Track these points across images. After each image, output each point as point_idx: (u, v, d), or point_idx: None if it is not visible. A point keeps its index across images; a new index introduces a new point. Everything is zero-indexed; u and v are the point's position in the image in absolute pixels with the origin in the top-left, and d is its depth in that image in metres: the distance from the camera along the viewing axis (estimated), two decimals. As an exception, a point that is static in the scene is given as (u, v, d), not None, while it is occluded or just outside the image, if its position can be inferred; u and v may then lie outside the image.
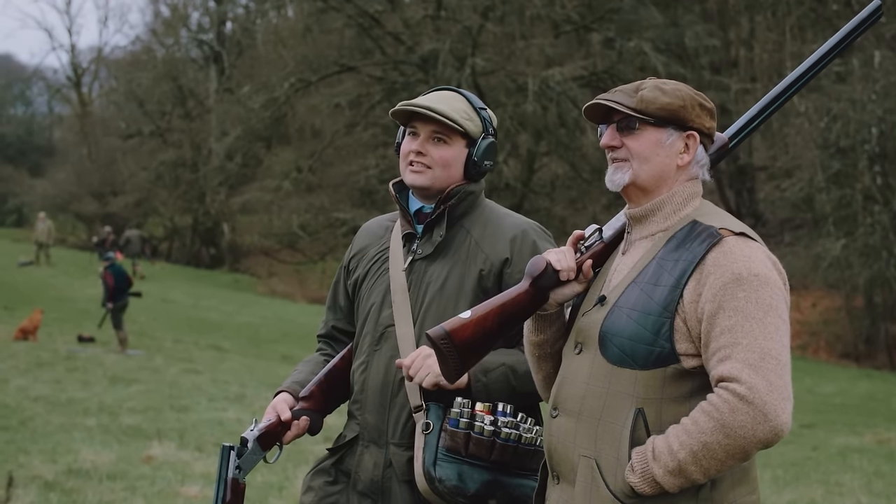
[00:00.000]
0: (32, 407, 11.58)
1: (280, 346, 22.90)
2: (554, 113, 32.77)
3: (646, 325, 2.47)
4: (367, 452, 3.17)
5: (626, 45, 32.02)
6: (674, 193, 2.60)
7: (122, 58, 58.10)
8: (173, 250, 51.10)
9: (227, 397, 13.61)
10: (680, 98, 2.59)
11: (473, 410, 2.97)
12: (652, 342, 2.46)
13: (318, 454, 9.26)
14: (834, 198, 28.67)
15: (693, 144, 2.62)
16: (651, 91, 2.58)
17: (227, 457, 3.18)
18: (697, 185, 2.65)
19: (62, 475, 8.17)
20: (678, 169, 2.61)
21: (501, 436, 2.94)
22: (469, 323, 2.67)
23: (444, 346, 2.66)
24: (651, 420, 2.45)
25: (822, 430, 15.04)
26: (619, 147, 2.60)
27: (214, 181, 44.42)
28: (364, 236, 3.44)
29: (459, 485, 2.94)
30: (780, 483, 10.57)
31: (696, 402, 2.42)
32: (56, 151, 60.26)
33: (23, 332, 18.12)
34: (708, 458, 2.35)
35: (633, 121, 2.58)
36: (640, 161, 2.59)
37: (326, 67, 36.15)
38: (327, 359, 3.42)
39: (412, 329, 3.13)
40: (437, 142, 3.17)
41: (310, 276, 41.91)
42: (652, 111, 2.57)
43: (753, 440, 2.34)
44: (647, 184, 2.60)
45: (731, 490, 2.47)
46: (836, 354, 29.33)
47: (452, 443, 2.95)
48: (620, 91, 2.61)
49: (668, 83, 2.61)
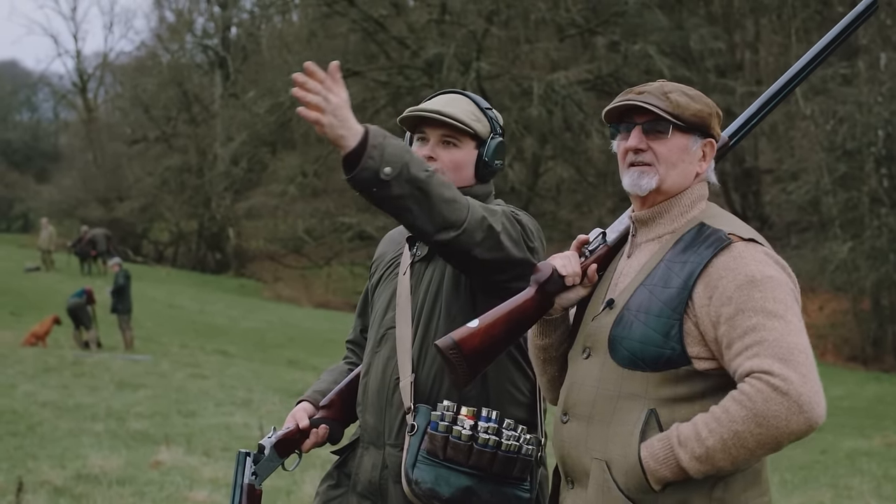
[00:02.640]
0: (40, 412, 11.59)
1: (286, 350, 22.91)
2: (559, 117, 32.78)
3: (655, 328, 2.46)
4: (367, 454, 3.17)
5: (631, 48, 32.02)
6: (682, 196, 2.60)
7: (128, 63, 58.18)
8: (179, 255, 51.13)
9: (233, 402, 13.61)
10: (708, 105, 2.61)
11: (457, 414, 2.95)
12: (662, 344, 2.45)
13: (325, 459, 9.27)
14: (840, 200, 28.64)
15: (710, 152, 2.63)
16: (681, 96, 2.58)
17: (244, 463, 3.19)
18: (704, 188, 2.65)
19: (71, 480, 8.17)
20: (697, 174, 2.62)
21: (479, 441, 2.91)
22: (477, 332, 2.68)
23: (453, 355, 2.68)
24: (664, 421, 2.45)
25: (830, 433, 15.01)
26: (644, 150, 2.59)
27: (220, 186, 44.49)
28: (385, 243, 3.45)
29: (434, 488, 2.92)
30: (789, 487, 10.55)
31: (709, 403, 2.42)
32: (62, 157, 60.35)
33: (35, 336, 18.18)
34: (738, 446, 2.34)
35: (665, 125, 2.57)
36: (668, 166, 2.58)
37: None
38: (351, 367, 3.43)
39: (410, 330, 3.12)
40: (447, 145, 3.16)
41: (315, 281, 41.94)
42: (686, 117, 2.57)
43: (787, 431, 2.32)
44: (671, 189, 2.60)
45: (744, 492, 2.47)
46: (843, 357, 29.28)
47: (431, 446, 2.94)
48: (649, 93, 2.59)
49: (689, 89, 2.62)
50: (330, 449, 3.36)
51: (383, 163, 2.75)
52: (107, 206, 49.36)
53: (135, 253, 47.51)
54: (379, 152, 2.75)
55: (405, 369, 3.08)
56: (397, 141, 2.83)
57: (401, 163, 2.77)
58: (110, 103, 60.03)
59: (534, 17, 34.00)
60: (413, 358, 3.08)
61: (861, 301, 29.88)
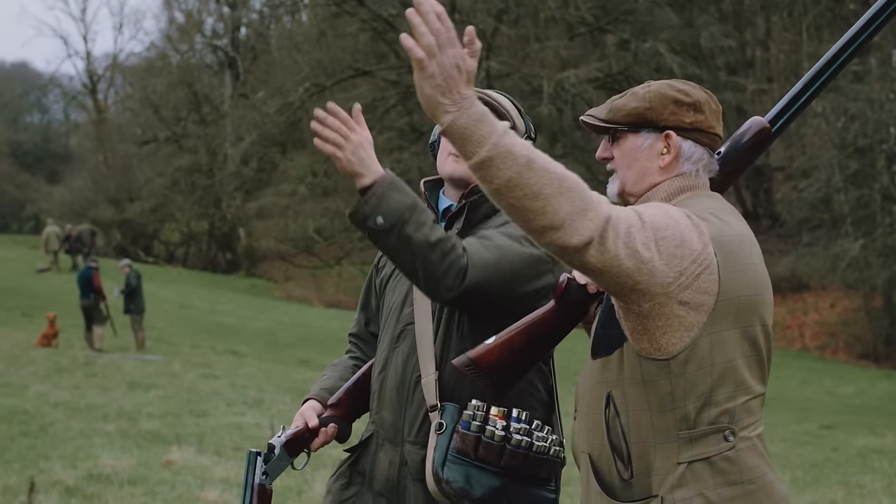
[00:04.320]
0: (52, 412, 11.61)
1: (297, 350, 22.94)
2: (569, 115, 32.75)
3: (605, 313, 2.48)
4: (383, 451, 3.15)
5: (641, 46, 31.98)
6: (654, 192, 2.56)
7: (138, 64, 58.32)
8: (190, 256, 51.23)
9: (245, 402, 13.63)
10: (646, 100, 2.55)
11: (487, 414, 2.95)
12: (607, 326, 2.46)
13: (336, 458, 9.27)
14: (852, 198, 28.59)
15: (673, 143, 2.56)
16: (625, 98, 2.58)
17: (254, 462, 3.19)
18: (685, 180, 2.56)
19: (83, 480, 8.19)
20: (661, 169, 2.56)
21: (512, 442, 2.91)
22: (493, 347, 2.69)
23: (471, 372, 2.69)
24: (618, 402, 2.44)
25: (841, 431, 14.99)
26: (610, 158, 2.61)
27: (230, 186, 44.54)
28: None
29: (466, 487, 2.91)
30: (801, 484, 10.53)
31: (652, 383, 2.38)
32: (72, 158, 60.54)
33: (46, 337, 18.24)
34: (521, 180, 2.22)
35: (609, 131, 2.59)
36: (624, 169, 2.59)
37: (341, 72, 36.22)
38: (356, 362, 3.42)
39: (431, 326, 3.11)
40: None
41: (326, 280, 41.98)
42: (620, 118, 2.56)
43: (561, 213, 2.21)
44: (634, 190, 2.58)
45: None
46: (855, 355, 29.23)
47: (463, 445, 2.93)
48: (606, 104, 2.61)
49: (649, 85, 2.59)
50: (343, 447, 3.36)
51: (377, 212, 2.81)
52: (117, 206, 49.48)
53: (146, 253, 47.61)
54: (376, 201, 2.81)
55: (427, 366, 3.06)
56: (404, 196, 2.85)
57: (398, 218, 2.81)
58: (120, 104, 60.15)
59: (543, 16, 33.99)
60: (436, 355, 3.07)
61: (873, 298, 29.82)
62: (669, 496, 2.38)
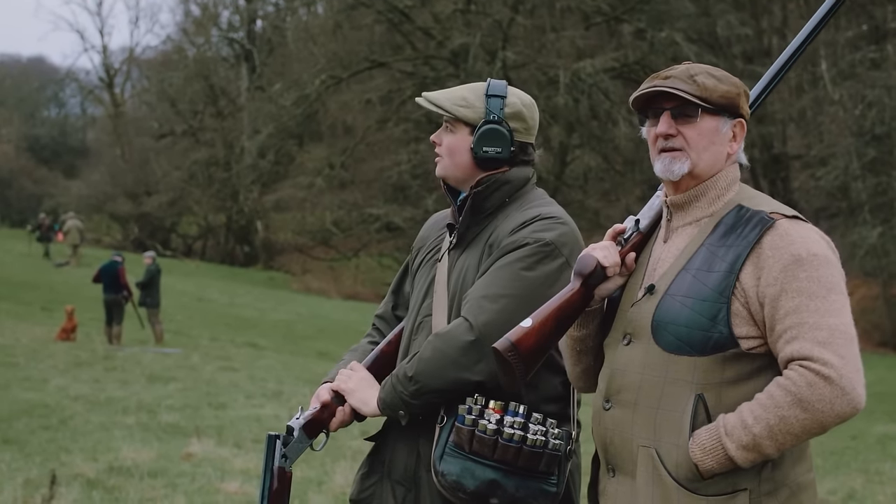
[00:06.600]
0: (72, 406, 11.67)
1: (316, 342, 22.99)
2: (586, 105, 32.71)
3: (702, 312, 2.46)
4: (402, 440, 3.17)
5: (657, 35, 31.88)
6: (717, 178, 2.59)
7: (154, 58, 58.48)
8: (207, 249, 51.36)
9: (264, 394, 13.67)
10: (736, 86, 2.58)
11: (484, 408, 2.94)
12: (709, 328, 2.45)
13: (356, 449, 9.29)
14: (870, 185, 28.47)
15: (740, 132, 2.61)
16: (707, 78, 2.55)
17: (274, 446, 3.20)
18: (737, 170, 2.63)
19: (104, 473, 8.22)
20: (727, 156, 2.60)
21: (504, 436, 2.90)
22: (532, 330, 2.65)
23: (512, 357, 2.64)
24: (711, 405, 2.46)
25: (860, 418, 14.92)
26: (675, 135, 2.57)
27: (247, 179, 44.62)
28: (428, 226, 3.44)
29: (460, 480, 2.92)
30: (820, 472, 10.51)
31: (757, 385, 2.43)
32: (90, 152, 60.69)
33: (65, 331, 18.32)
34: (784, 432, 2.37)
35: (693, 108, 2.54)
36: (699, 150, 2.56)
37: (357, 64, 36.21)
38: (374, 345, 3.41)
39: (446, 319, 3.12)
40: (446, 130, 3.18)
41: (344, 272, 42.03)
42: (714, 99, 2.54)
43: (832, 414, 2.35)
44: (703, 173, 2.58)
45: (792, 468, 2.49)
46: (873, 343, 29.12)
47: (458, 438, 2.94)
48: (675, 77, 2.56)
49: (716, 70, 2.59)
50: (362, 437, 3.37)
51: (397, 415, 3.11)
52: (135, 200, 49.64)
53: (164, 247, 47.75)
54: (390, 412, 3.12)
55: None
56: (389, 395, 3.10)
57: (400, 403, 3.07)
58: (137, 98, 60.33)
59: (559, 6, 33.92)
60: None
61: (891, 286, 29.71)
62: (756, 489, 2.44)
